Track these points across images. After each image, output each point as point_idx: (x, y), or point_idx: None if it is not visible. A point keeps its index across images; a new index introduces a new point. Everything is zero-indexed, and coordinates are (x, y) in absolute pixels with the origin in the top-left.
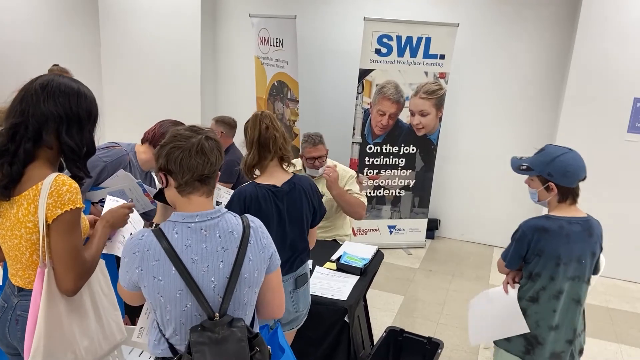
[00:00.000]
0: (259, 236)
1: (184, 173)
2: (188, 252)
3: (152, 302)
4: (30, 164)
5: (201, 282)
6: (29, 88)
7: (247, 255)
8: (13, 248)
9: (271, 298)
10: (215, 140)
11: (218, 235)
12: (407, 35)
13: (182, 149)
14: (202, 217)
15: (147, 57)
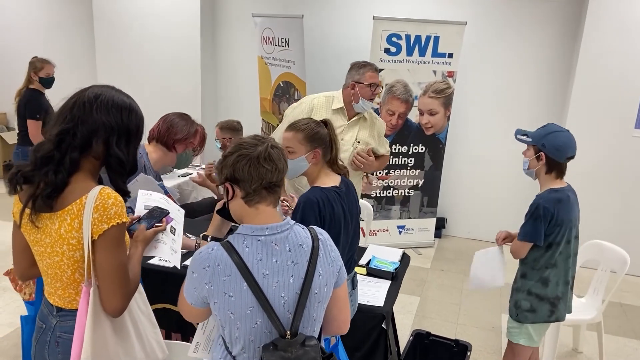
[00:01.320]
0: (327, 249)
1: (253, 181)
2: (259, 266)
3: (221, 318)
4: (74, 174)
5: (272, 298)
6: (81, 96)
7: (317, 269)
8: (53, 266)
9: (337, 313)
10: (280, 149)
11: (288, 249)
12: (415, 34)
13: (250, 157)
14: (272, 229)
15: (144, 58)
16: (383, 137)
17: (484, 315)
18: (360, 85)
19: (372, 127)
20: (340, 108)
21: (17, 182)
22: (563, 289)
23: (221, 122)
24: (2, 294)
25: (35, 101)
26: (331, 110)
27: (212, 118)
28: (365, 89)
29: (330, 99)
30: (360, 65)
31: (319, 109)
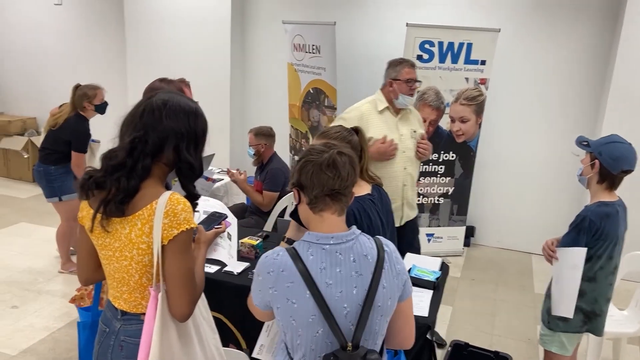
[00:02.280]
0: (393, 262)
1: (315, 187)
2: (323, 275)
3: (284, 324)
4: (145, 180)
5: (334, 308)
6: (149, 103)
7: (381, 282)
8: (120, 270)
9: (402, 327)
10: (349, 156)
11: (352, 259)
12: (448, 41)
13: (314, 163)
14: (337, 239)
15: (174, 64)
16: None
17: (518, 326)
18: (398, 82)
19: (413, 115)
20: (385, 108)
21: (89, 187)
22: (603, 306)
23: (254, 129)
24: (37, 298)
25: (85, 134)
26: (378, 112)
27: (241, 124)
28: (402, 85)
29: (373, 103)
30: (396, 63)
31: (368, 115)
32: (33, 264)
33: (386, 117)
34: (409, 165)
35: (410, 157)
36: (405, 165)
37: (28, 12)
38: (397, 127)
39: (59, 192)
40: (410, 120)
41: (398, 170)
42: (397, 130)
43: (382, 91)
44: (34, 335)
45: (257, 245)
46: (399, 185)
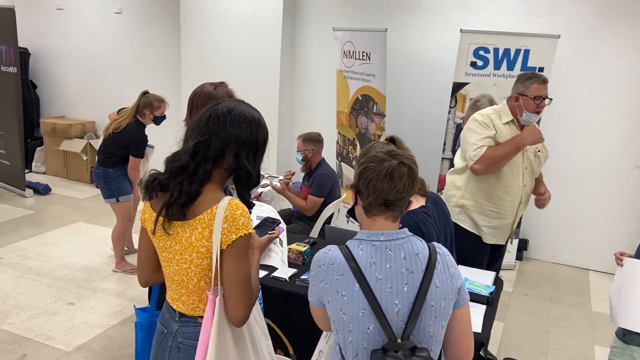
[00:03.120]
0: (446, 264)
1: (370, 195)
2: (372, 269)
3: (335, 319)
4: (206, 184)
5: (384, 304)
6: (216, 109)
7: (433, 281)
8: (180, 272)
9: (459, 337)
10: (408, 167)
11: (403, 257)
12: (504, 48)
13: (373, 171)
14: (387, 236)
15: (226, 69)
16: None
17: (575, 346)
18: (524, 98)
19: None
20: (510, 121)
21: (153, 189)
22: None
23: (303, 135)
24: (92, 295)
25: (143, 140)
26: (502, 124)
27: (288, 130)
28: (529, 102)
29: (498, 114)
30: (526, 77)
31: (496, 122)
32: (89, 262)
33: (509, 130)
34: (529, 182)
35: (531, 175)
36: (525, 182)
37: (89, 21)
38: None
39: (117, 193)
40: None
41: (517, 187)
42: None
43: (507, 103)
44: (88, 332)
45: (305, 252)
46: (515, 202)
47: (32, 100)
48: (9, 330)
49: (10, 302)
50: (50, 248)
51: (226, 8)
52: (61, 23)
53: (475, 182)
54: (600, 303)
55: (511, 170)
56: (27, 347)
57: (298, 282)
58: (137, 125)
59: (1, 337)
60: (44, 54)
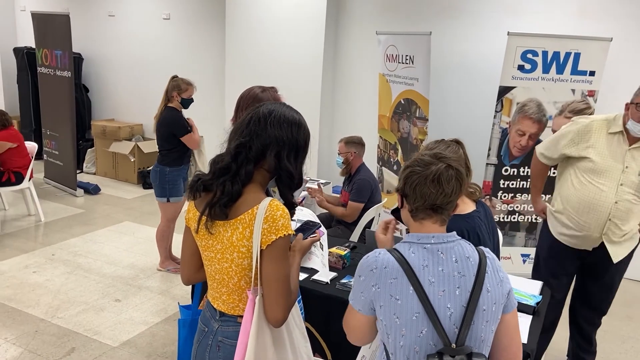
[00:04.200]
0: (495, 268)
1: (417, 199)
2: (425, 272)
3: (387, 324)
4: (247, 185)
5: (437, 307)
6: (256, 112)
7: (485, 285)
8: (221, 271)
9: (509, 343)
10: (456, 170)
11: (454, 260)
12: (554, 51)
13: (420, 175)
14: (438, 239)
15: (269, 72)
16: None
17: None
18: (633, 106)
19: None
20: (619, 132)
21: (197, 189)
22: None
23: (345, 138)
24: (137, 292)
25: (179, 119)
26: (607, 132)
27: (329, 134)
28: (634, 110)
29: (609, 122)
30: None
31: (596, 132)
32: (135, 261)
33: (616, 141)
34: (624, 202)
35: (629, 195)
36: (618, 199)
37: (138, 26)
38: (625, 157)
39: (169, 193)
40: None
41: (607, 202)
42: (622, 159)
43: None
44: (133, 329)
45: (345, 256)
46: (603, 218)
47: (85, 104)
48: (59, 324)
49: (61, 297)
50: (99, 246)
51: (270, 12)
52: (112, 29)
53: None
54: None
55: (604, 183)
56: (75, 341)
57: (338, 285)
58: (168, 111)
59: (52, 330)
60: (95, 58)
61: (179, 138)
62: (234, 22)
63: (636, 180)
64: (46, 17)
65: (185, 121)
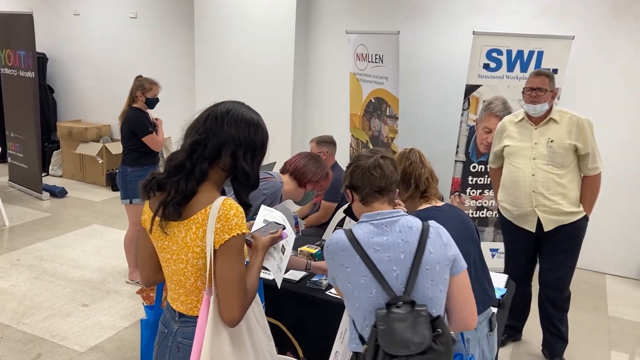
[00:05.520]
0: (439, 234)
1: (364, 186)
2: (371, 242)
3: (343, 291)
4: (202, 184)
5: (384, 270)
6: (214, 110)
7: (427, 248)
8: (177, 272)
9: (464, 301)
10: (390, 159)
11: (398, 230)
12: (517, 49)
13: (363, 167)
14: (383, 215)
15: (239, 72)
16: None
17: (590, 351)
18: (523, 92)
19: (570, 128)
20: (522, 119)
21: (151, 188)
22: None
23: (316, 138)
24: (105, 296)
25: (142, 120)
26: (515, 122)
27: (302, 133)
28: (525, 95)
29: (516, 114)
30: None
31: (507, 125)
32: (104, 264)
33: (523, 125)
34: (540, 172)
35: (543, 165)
36: (534, 172)
37: (105, 25)
38: (532, 136)
39: (131, 194)
40: (554, 131)
41: (525, 177)
42: (530, 139)
43: None
44: (101, 333)
45: (316, 254)
46: (527, 191)
47: (50, 105)
48: (25, 330)
49: (27, 303)
50: (66, 250)
51: (239, 12)
52: (78, 28)
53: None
54: (617, 308)
55: (517, 161)
56: (42, 347)
57: (309, 284)
58: (131, 110)
59: (17, 337)
60: (61, 58)
61: (140, 138)
62: (203, 21)
63: (545, 152)
64: (9, 16)
65: (148, 121)
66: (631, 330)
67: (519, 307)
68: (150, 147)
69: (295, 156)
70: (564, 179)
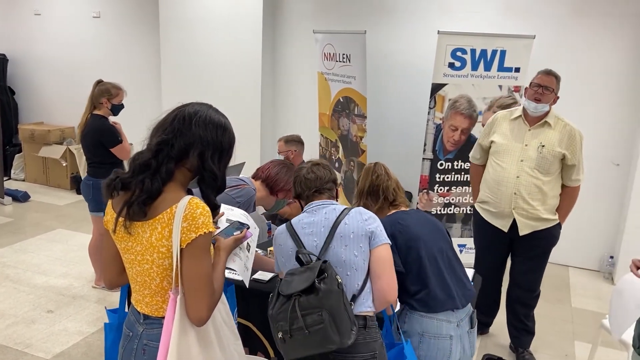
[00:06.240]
0: (360, 212)
1: (306, 190)
2: (300, 224)
3: (281, 266)
4: (167, 184)
5: (306, 242)
6: (182, 111)
7: (343, 220)
8: (142, 273)
9: (382, 271)
10: (322, 165)
11: (325, 212)
12: (481, 49)
13: (300, 175)
14: (316, 203)
15: (207, 72)
16: (576, 153)
17: (555, 342)
18: (529, 88)
19: (562, 136)
20: (519, 116)
21: (114, 187)
22: None
23: (284, 137)
24: (71, 302)
25: (111, 129)
26: (510, 119)
27: (271, 133)
28: (530, 90)
29: (513, 111)
30: (537, 72)
31: (500, 120)
32: (69, 270)
33: (517, 124)
34: (525, 176)
35: (529, 169)
36: (519, 174)
37: (67, 25)
38: (524, 137)
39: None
40: (547, 135)
41: (509, 177)
42: (522, 139)
43: None
44: (67, 340)
45: None
46: (509, 192)
47: (11, 107)
48: None
49: None
50: (29, 256)
51: (205, 11)
52: (39, 28)
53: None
54: (580, 299)
55: (504, 161)
56: (6, 355)
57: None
58: (94, 119)
59: None
60: (22, 59)
61: (110, 149)
62: (168, 20)
63: (534, 155)
64: None
65: (116, 130)
66: (593, 321)
67: (488, 305)
68: (118, 157)
69: (268, 163)
70: (547, 186)
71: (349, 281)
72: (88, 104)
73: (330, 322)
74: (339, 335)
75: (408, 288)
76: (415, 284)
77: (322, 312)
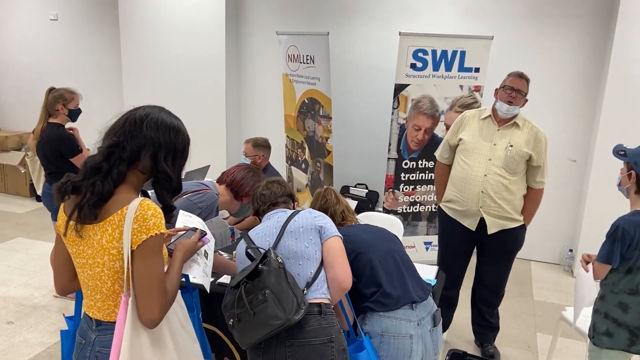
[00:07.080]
0: (310, 212)
1: (261, 205)
2: (255, 231)
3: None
4: (119, 186)
5: (259, 242)
6: (133, 114)
7: (294, 218)
8: (93, 277)
9: (333, 260)
10: (277, 182)
11: (277, 217)
12: (442, 49)
13: (256, 192)
14: (270, 213)
15: (169, 74)
16: (541, 155)
17: (518, 334)
18: (501, 89)
19: (529, 137)
20: (488, 116)
21: (65, 190)
22: None
23: (252, 140)
24: (32, 312)
25: (68, 139)
26: (479, 119)
27: (237, 134)
28: (503, 92)
29: (482, 110)
30: (508, 74)
31: (469, 119)
32: (29, 279)
33: (486, 124)
34: (492, 175)
35: (496, 168)
36: (486, 173)
37: (24, 28)
38: (493, 137)
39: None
40: (515, 136)
41: (477, 176)
42: (491, 138)
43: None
44: (29, 351)
45: None
46: (476, 191)
47: None
48: None
49: None
50: None
51: (167, 12)
52: None
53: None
54: (541, 292)
55: (472, 159)
56: None
57: None
58: (51, 127)
59: None
60: None
61: (69, 159)
62: (129, 22)
63: (502, 155)
64: None
65: (75, 139)
66: (554, 313)
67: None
68: (77, 166)
69: (234, 167)
70: (513, 185)
71: (302, 270)
72: (42, 113)
73: (273, 299)
74: (284, 312)
75: (363, 292)
76: (370, 287)
77: (265, 291)
